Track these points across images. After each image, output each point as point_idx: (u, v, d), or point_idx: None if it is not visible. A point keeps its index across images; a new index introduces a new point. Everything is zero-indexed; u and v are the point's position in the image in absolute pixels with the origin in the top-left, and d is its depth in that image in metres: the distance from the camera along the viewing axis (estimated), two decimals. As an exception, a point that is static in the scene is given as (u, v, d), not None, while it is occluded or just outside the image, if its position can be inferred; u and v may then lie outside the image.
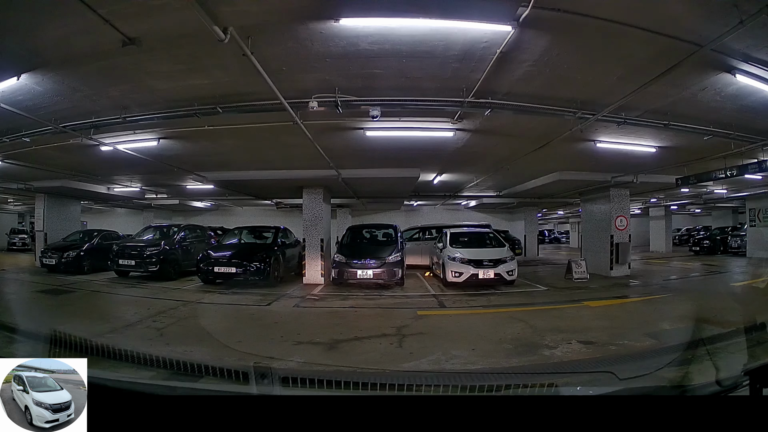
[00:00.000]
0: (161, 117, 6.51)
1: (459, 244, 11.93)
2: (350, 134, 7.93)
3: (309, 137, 7.41)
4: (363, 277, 10.69)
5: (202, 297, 9.63)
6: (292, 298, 9.59)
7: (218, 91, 5.75)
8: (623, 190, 13.74)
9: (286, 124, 6.52)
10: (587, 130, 7.32)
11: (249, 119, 6.68)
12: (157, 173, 12.28)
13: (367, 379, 3.22)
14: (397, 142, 8.41)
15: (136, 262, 12.36)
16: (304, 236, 12.30)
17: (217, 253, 11.44)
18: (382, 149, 9.06)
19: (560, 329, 6.38)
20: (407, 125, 7.29)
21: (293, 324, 6.98)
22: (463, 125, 7.33)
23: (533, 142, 8.33)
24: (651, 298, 9.66)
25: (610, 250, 13.59)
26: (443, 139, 8.19)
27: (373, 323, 6.90)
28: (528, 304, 8.75)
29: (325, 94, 5.58)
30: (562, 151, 9.23)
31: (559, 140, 7.85)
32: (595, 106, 6.26)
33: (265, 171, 11.33)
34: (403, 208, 23.48)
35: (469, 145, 8.77)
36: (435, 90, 5.71)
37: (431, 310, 8.22)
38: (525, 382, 2.92)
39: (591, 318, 7.42)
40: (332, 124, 7.17)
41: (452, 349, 5.25)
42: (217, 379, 2.66)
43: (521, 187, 15.02)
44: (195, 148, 9.10)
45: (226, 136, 7.86)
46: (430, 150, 9.22)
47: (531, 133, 7.80)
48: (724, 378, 1.65)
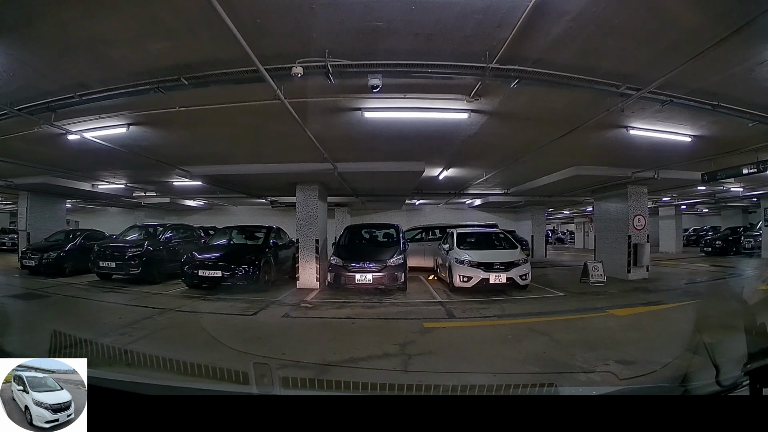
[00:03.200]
0: (122, 94, 5.47)
1: (467, 245, 10.97)
2: (346, 117, 6.82)
3: (296, 118, 6.25)
4: (362, 282, 9.71)
5: (183, 304, 8.74)
6: (283, 306, 8.65)
7: (185, 59, 4.72)
8: (641, 187, 12.91)
9: (270, 104, 5.46)
10: (620, 114, 6.31)
11: (223, 96, 5.64)
12: (138, 168, 11.30)
13: (367, 379, 3.47)
14: (401, 127, 7.33)
15: (116, 264, 11.59)
16: (298, 236, 11.33)
17: (203, 255, 10.52)
18: (384, 137, 7.97)
19: (590, 344, 5.57)
20: (413, 105, 6.17)
21: (279, 339, 6.00)
22: (480, 105, 6.18)
23: (557, 128, 7.23)
24: (679, 304, 8.72)
25: (627, 251, 12.72)
26: (455, 124, 7.10)
27: (372, 338, 5.95)
28: (547, 313, 7.79)
29: (313, 58, 4.53)
30: (586, 141, 8.18)
31: (589, 125, 6.80)
32: (637, 82, 5.23)
33: (253, 165, 10.29)
34: (405, 208, 22.57)
35: (483, 133, 7.65)
36: (450, 53, 4.61)
37: (439, 322, 7.23)
38: (525, 381, 2.78)
39: (621, 330, 6.57)
40: (324, 104, 6.11)
41: (469, 374, 4.41)
42: (217, 379, 2.65)
43: (532, 184, 13.97)
44: (172, 138, 8.09)
45: (203, 122, 6.88)
46: (438, 138, 8.11)
47: (556, 116, 6.71)
48: (724, 378, 1.64)
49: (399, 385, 2.61)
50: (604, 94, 5.49)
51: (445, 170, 11.75)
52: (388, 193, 15.66)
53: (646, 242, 12.95)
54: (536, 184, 13.72)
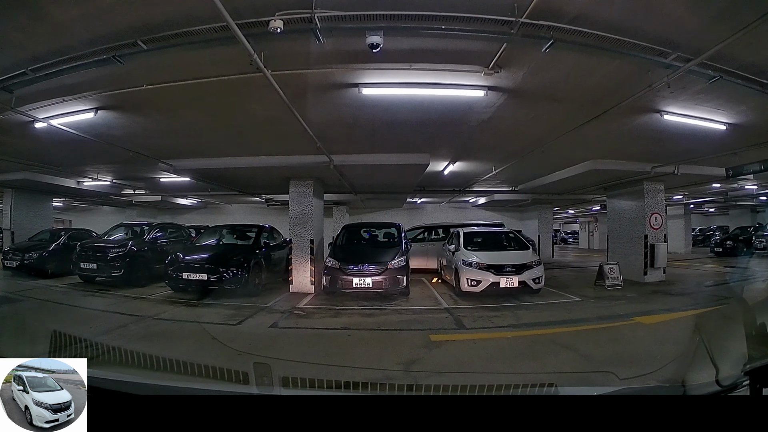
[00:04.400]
0: (78, 67, 4.61)
1: (475, 245, 10.13)
2: (341, 96, 5.89)
3: (281, 95, 5.28)
4: (360, 286, 8.86)
5: (163, 311, 7.93)
6: (272, 313, 7.83)
7: (141, 18, 3.87)
8: (658, 184, 12.10)
9: (249, 78, 4.61)
10: (656, 96, 5.51)
11: (193, 68, 4.80)
12: (118, 163, 10.42)
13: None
14: (404, 110, 6.46)
15: (98, 265, 10.80)
16: (291, 236, 10.48)
17: (188, 257, 9.69)
18: (384, 123, 7.10)
19: (625, 361, 4.79)
20: (419, 79, 5.25)
21: (263, 355, 5.10)
22: (499, 80, 5.24)
23: (585, 112, 6.34)
24: (707, 310, 7.96)
25: (644, 252, 11.91)
26: (467, 105, 6.21)
27: (372, 354, 5.14)
28: (567, 322, 6.97)
29: (296, 10, 3.60)
30: (611, 130, 7.31)
31: (623, 108, 5.93)
32: (687, 51, 4.38)
33: (239, 158, 9.44)
34: (406, 206, 21.71)
35: (498, 117, 6.71)
36: (469, 3, 3.69)
37: (447, 333, 6.38)
38: (525, 381, 2.59)
39: (654, 342, 5.74)
40: (315, 79, 5.23)
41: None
42: (217, 379, 2.60)
43: (542, 180, 13.11)
44: (147, 126, 7.24)
45: (176, 105, 6.08)
46: (446, 124, 7.21)
47: (588, 95, 5.79)
48: (724, 378, 1.60)
49: (399, 385, 2.52)
50: (648, 65, 4.64)
51: (451, 164, 10.79)
52: (389, 190, 14.76)
53: (663, 242, 12.18)
54: (547, 181, 12.85)
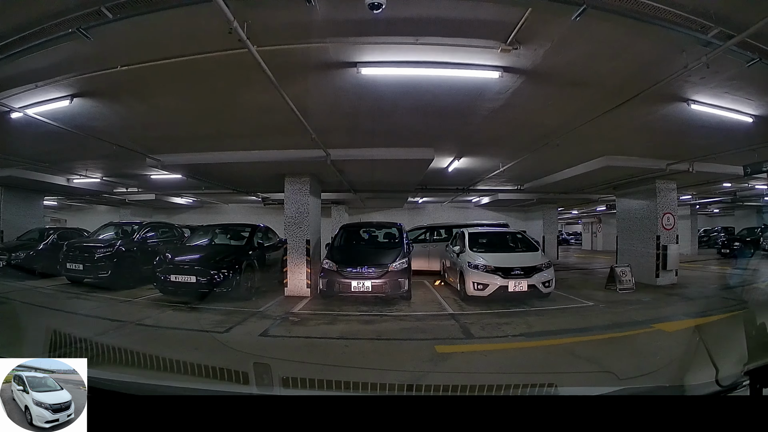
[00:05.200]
0: (44, 45, 4.08)
1: (481, 247, 9.58)
2: (337, 79, 5.28)
3: (269, 76, 4.57)
4: (359, 290, 8.30)
5: (148, 316, 7.42)
6: (264, 319, 7.27)
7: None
8: (670, 183, 11.60)
9: (232, 55, 4.04)
10: (686, 82, 4.98)
11: (172, 46, 4.29)
12: (104, 158, 9.85)
13: (368, 379, 3.57)
14: (407, 96, 5.84)
15: (84, 266, 10.32)
16: (286, 237, 9.92)
17: (177, 258, 9.15)
18: (385, 111, 6.49)
19: (654, 377, 4.09)
20: (425, 57, 4.63)
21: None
22: (517, 59, 4.62)
23: (609, 98, 5.71)
24: (730, 315, 7.37)
25: (656, 254, 11.38)
26: (478, 89, 5.60)
27: (370, 371, 4.59)
28: (582, 330, 6.42)
29: None
30: (631, 121, 6.73)
31: (649, 95, 5.36)
32: (726, 26, 3.84)
33: (230, 153, 8.85)
34: (407, 206, 21.10)
35: (512, 105, 6.10)
36: None
37: (454, 344, 5.82)
38: (525, 381, 2.42)
39: (681, 353, 5.14)
40: (307, 56, 4.60)
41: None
42: (217, 379, 2.57)
43: (551, 178, 12.52)
44: (128, 115, 6.66)
45: (156, 90, 5.53)
46: (454, 113, 6.58)
47: (614, 78, 5.16)
48: (724, 378, 1.58)
49: (399, 385, 2.55)
50: (683, 43, 4.10)
51: (456, 160, 10.16)
52: (390, 189, 14.19)
53: (675, 243, 11.66)
54: (556, 179, 12.23)
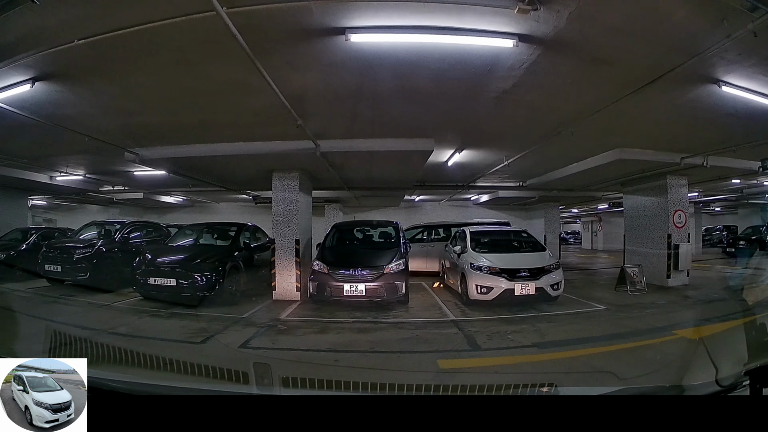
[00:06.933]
0: None
1: (484, 247, 8.93)
2: (322, 49, 4.42)
3: (242, 46, 3.86)
4: (352, 294, 7.63)
5: (123, 323, 6.75)
6: (248, 327, 6.61)
7: None
8: (681, 179, 11.01)
9: (200, 20, 3.37)
10: (722, 58, 4.33)
11: (126, 10, 3.62)
12: (81, 152, 9.12)
13: (368, 379, 3.62)
14: (406, 72, 5.04)
15: (63, 267, 9.83)
16: (274, 236, 9.26)
17: (158, 259, 8.53)
18: (380, 93, 5.73)
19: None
20: (427, 21, 3.91)
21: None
22: (536, 24, 3.88)
23: (636, 77, 4.98)
24: (753, 318, 6.76)
25: (667, 253, 10.76)
26: (489, 63, 4.74)
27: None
28: (600, 339, 5.76)
29: None
30: (654, 107, 6.01)
31: (679, 74, 4.71)
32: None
33: (214, 145, 8.13)
34: (404, 204, 20.40)
35: (526, 85, 5.25)
36: None
37: (460, 358, 5.16)
38: (525, 381, 2.55)
39: (711, 363, 4.54)
40: (285, 19, 3.84)
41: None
42: (217, 379, 2.58)
43: (557, 173, 11.80)
44: (99, 100, 5.98)
45: (123, 67, 4.82)
46: (459, 93, 5.72)
47: (645, 53, 4.38)
48: (724, 378, 1.59)
49: (399, 385, 2.52)
50: (725, 9, 3.44)
51: (457, 152, 9.39)
52: (386, 186, 13.46)
53: (686, 242, 11.07)
54: (563, 174, 11.50)
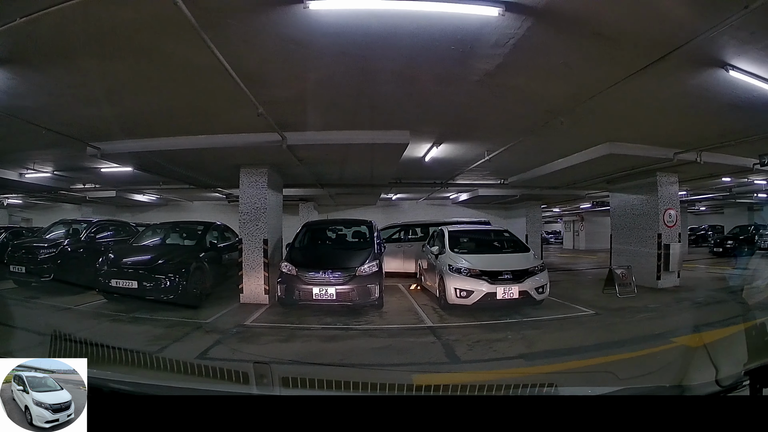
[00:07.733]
0: None
1: (463, 247, 8.41)
2: (278, 21, 3.74)
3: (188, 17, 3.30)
4: (321, 298, 7.07)
5: (81, 329, 6.18)
6: (209, 334, 6.04)
7: None
8: (671, 176, 10.66)
9: None
10: (732, 38, 3.86)
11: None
12: (42, 147, 8.49)
13: (368, 378, 3.59)
14: (377, 51, 4.40)
15: (26, 268, 9.42)
16: (241, 236, 8.67)
17: (120, 260, 7.96)
18: (348, 75, 5.06)
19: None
20: None
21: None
22: None
23: (637, 57, 4.38)
24: (754, 323, 6.32)
25: (657, 253, 10.37)
26: (471, 38, 4.07)
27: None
28: (594, 349, 5.28)
29: None
30: (655, 94, 5.46)
31: (685, 54, 4.19)
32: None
33: (176, 138, 7.48)
34: (381, 203, 19.83)
35: (513, 65, 4.63)
36: None
37: (437, 373, 4.54)
38: (525, 381, 2.45)
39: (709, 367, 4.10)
40: None
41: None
42: (217, 379, 2.55)
43: (541, 170, 11.32)
44: (56, 88, 5.31)
45: (73, 49, 4.19)
46: (436, 78, 5.13)
47: (649, 27, 3.84)
48: (724, 378, 1.58)
49: (399, 385, 2.43)
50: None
51: (435, 146, 8.74)
52: (361, 183, 12.84)
53: (677, 242, 10.71)
54: (547, 171, 10.99)
